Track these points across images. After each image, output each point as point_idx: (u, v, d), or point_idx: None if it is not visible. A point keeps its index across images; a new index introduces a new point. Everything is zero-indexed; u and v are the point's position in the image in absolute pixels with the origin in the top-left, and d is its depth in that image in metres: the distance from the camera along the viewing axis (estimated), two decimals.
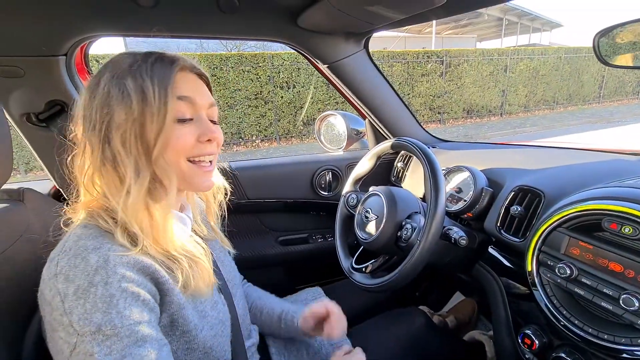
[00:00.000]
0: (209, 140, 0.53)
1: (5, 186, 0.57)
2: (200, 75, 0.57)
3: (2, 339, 0.50)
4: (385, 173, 1.41)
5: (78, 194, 0.52)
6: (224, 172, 0.85)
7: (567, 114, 10.37)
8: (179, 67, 0.51)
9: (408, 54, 8.65)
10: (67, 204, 0.54)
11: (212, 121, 0.57)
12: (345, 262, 0.95)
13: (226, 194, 0.72)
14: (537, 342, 0.71)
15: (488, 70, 9.55)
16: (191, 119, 0.53)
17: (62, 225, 0.51)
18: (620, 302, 0.55)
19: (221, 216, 0.72)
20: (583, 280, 0.61)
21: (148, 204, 0.49)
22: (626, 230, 0.56)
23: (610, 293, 0.57)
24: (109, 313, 0.41)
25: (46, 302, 0.43)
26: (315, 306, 0.77)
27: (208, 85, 0.59)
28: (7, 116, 0.83)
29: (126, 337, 0.41)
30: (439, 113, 9.38)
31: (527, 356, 0.74)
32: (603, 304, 0.58)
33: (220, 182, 0.69)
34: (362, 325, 0.91)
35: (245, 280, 0.90)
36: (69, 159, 0.53)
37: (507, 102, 10.13)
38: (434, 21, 14.50)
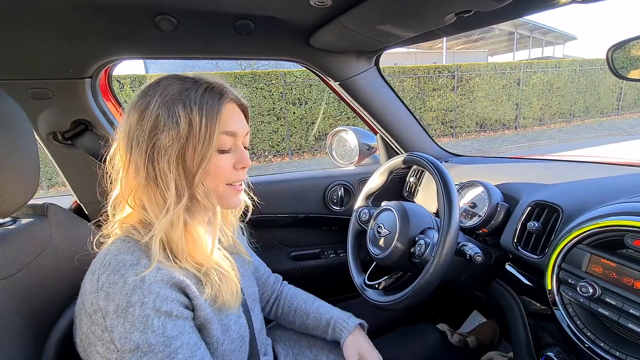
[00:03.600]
0: (242, 167, 0.58)
1: (30, 201, 0.60)
2: (242, 106, 0.61)
3: (21, 350, 0.51)
4: (397, 188, 1.40)
5: (113, 208, 0.57)
6: None
7: (585, 127, 10.13)
8: (226, 101, 0.55)
9: (419, 69, 8.72)
10: (98, 221, 0.58)
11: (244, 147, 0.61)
12: (357, 279, 0.94)
13: (246, 210, 0.74)
14: None
15: (501, 84, 9.49)
16: (230, 149, 0.57)
17: (94, 243, 0.55)
18: None
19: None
20: (607, 300, 0.58)
21: (186, 221, 0.53)
22: None
23: (637, 314, 0.54)
24: (145, 332, 0.45)
25: (86, 314, 0.46)
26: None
27: (245, 113, 0.62)
28: (35, 135, 0.88)
29: (160, 351, 0.46)
30: (451, 127, 9.32)
31: None
32: (630, 325, 0.55)
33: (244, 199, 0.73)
34: (375, 343, 0.89)
35: (283, 280, 0.93)
36: (111, 173, 0.57)
37: (521, 115, 9.99)
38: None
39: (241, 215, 0.75)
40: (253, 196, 0.73)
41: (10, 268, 0.54)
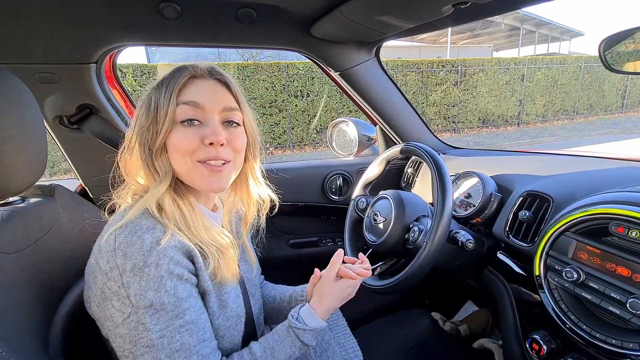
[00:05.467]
0: (211, 143, 0.54)
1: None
2: (221, 81, 0.59)
3: (32, 318, 0.54)
4: (395, 179, 1.42)
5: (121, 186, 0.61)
6: None
7: (588, 124, 10.08)
8: (188, 75, 0.56)
9: (422, 63, 8.66)
10: (103, 202, 0.62)
11: (231, 122, 0.59)
12: None
13: (273, 207, 0.74)
14: (545, 347, 0.70)
15: (504, 80, 9.43)
16: (199, 122, 0.55)
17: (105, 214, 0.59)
18: (628, 306, 0.55)
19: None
20: (591, 284, 0.61)
21: (174, 198, 0.56)
22: (633, 234, 0.56)
23: (618, 297, 0.57)
24: (159, 292, 0.48)
25: (101, 272, 0.49)
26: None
27: (232, 90, 0.60)
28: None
29: (171, 311, 0.49)
30: (453, 122, 9.29)
31: None
32: (610, 308, 0.58)
33: (265, 194, 0.71)
34: (367, 326, 0.92)
35: (263, 278, 0.92)
36: (122, 155, 0.60)
37: (524, 111, 9.95)
38: (449, 31, 14.47)
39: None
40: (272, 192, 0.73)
41: (21, 243, 0.57)
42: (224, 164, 0.57)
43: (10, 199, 0.64)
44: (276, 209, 0.75)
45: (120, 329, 0.48)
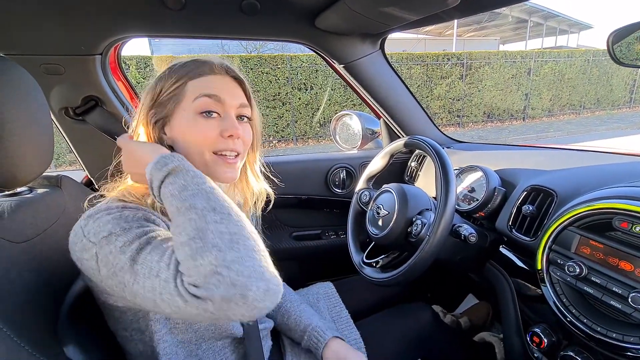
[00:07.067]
0: (230, 135, 0.58)
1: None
2: (235, 78, 0.62)
3: (40, 309, 0.55)
4: (399, 172, 1.42)
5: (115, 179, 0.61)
6: None
7: (595, 119, 9.95)
8: (207, 69, 0.59)
9: (427, 56, 8.56)
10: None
11: (242, 117, 0.63)
12: (356, 257, 0.97)
13: (269, 200, 0.75)
14: (545, 340, 0.71)
15: (510, 73, 9.30)
16: (218, 115, 0.58)
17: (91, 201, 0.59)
18: (630, 300, 0.55)
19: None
20: (593, 278, 0.61)
21: None
22: (637, 229, 0.56)
23: (620, 292, 0.57)
24: (118, 223, 0.46)
25: (73, 243, 0.49)
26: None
27: (244, 88, 0.63)
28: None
29: (135, 228, 0.46)
30: (458, 116, 9.21)
31: (535, 355, 0.74)
32: (612, 302, 0.58)
33: (262, 187, 0.74)
34: (369, 319, 0.93)
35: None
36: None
37: (530, 106, 9.83)
38: (455, 23, 14.26)
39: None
40: (272, 178, 0.75)
41: (29, 233, 0.58)
42: (236, 156, 0.61)
43: (18, 190, 0.65)
44: (271, 204, 0.76)
45: (102, 272, 0.45)
